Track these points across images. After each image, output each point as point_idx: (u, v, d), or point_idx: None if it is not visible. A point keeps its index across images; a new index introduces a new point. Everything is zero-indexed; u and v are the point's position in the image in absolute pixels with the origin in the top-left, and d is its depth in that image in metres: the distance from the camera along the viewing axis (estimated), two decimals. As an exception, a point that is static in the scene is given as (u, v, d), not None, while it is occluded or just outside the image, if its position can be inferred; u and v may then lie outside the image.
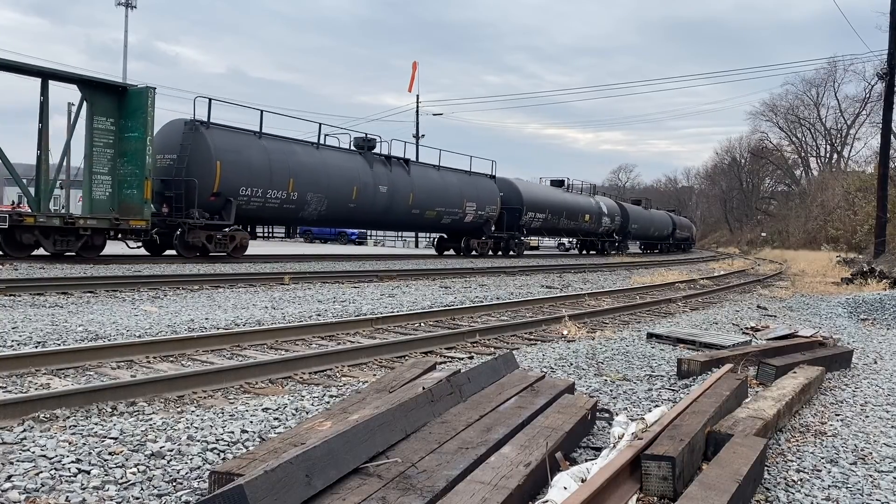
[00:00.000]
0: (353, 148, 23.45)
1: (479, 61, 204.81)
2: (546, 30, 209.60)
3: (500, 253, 31.06)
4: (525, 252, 34.02)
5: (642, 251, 53.84)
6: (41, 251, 15.15)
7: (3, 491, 2.70)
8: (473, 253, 28.51)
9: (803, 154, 78.94)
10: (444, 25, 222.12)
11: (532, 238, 49.81)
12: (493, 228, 29.24)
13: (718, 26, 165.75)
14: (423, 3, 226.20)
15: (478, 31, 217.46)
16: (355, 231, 46.61)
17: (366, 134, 23.87)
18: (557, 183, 36.94)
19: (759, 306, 12.70)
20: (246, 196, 18.50)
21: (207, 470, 3.05)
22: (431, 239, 51.42)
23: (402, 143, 34.39)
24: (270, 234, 25.36)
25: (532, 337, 8.23)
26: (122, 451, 3.18)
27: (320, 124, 21.78)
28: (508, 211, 30.30)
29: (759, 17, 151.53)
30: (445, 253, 30.01)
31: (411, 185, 24.43)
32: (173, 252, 18.28)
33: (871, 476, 3.50)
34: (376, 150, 24.01)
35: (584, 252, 42.28)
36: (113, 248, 18.65)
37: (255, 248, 30.17)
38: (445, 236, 29.79)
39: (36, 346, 6.00)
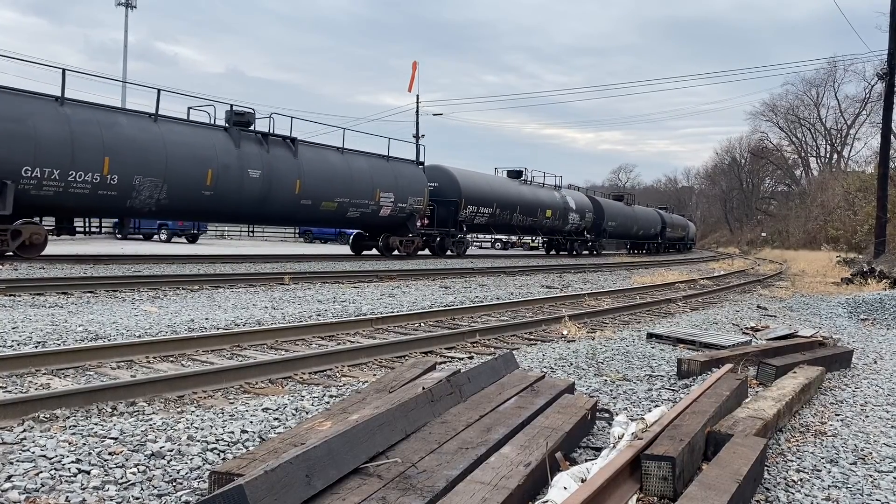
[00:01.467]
0: (216, 124, 18.69)
1: (477, 61, 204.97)
2: (545, 29, 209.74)
3: (434, 253, 26.77)
4: (471, 252, 31.49)
5: (629, 251, 50.14)
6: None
7: (3, 491, 2.70)
8: (396, 253, 24.11)
9: (803, 154, 79.04)
10: (443, 25, 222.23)
11: (486, 236, 46.03)
12: (419, 224, 24.89)
13: (717, 26, 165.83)
14: (422, 2, 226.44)
15: (476, 31, 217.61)
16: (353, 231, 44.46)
17: (231, 105, 19.10)
18: (514, 174, 32.97)
19: (759, 306, 12.70)
20: (34, 179, 14.28)
21: (207, 470, 3.05)
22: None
23: (305, 124, 30.24)
24: (88, 230, 18.48)
25: (532, 337, 8.23)
26: (122, 451, 3.18)
27: (158, 90, 17.16)
28: (442, 204, 26.18)
29: (759, 17, 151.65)
30: (365, 253, 25.00)
31: (298, 170, 19.93)
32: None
33: (871, 476, 3.50)
34: (275, 132, 19.80)
35: (553, 253, 38.18)
36: (112, 247, 18.65)
37: (257, 248, 30.21)
38: (366, 234, 24.99)
39: (36, 346, 6.00)
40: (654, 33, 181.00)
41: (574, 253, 37.01)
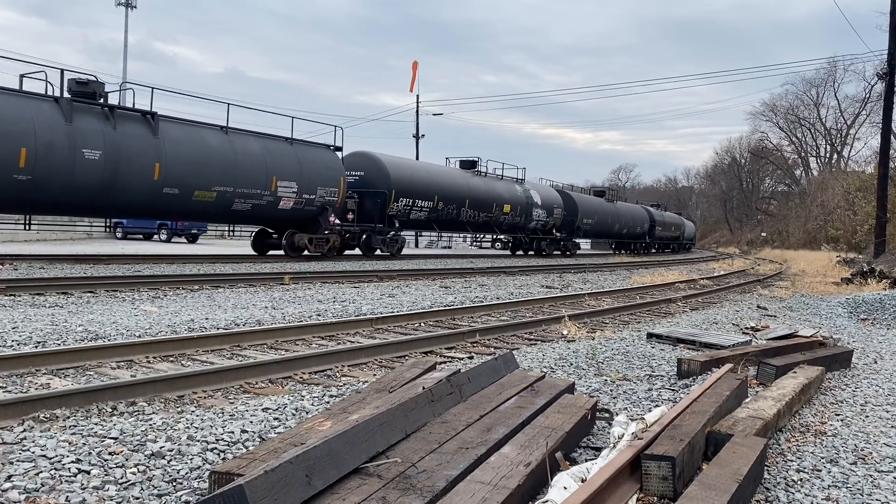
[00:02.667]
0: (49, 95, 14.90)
1: (476, 61, 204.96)
2: (543, 29, 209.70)
3: (362, 252, 23.42)
4: (422, 252, 28.71)
5: (614, 251, 46.67)
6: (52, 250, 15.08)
7: (3, 491, 2.70)
8: (306, 254, 20.13)
9: (803, 154, 79.03)
10: (442, 25, 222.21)
11: (462, 235, 39.45)
12: (334, 219, 21.11)
13: (716, 25, 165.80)
14: (421, 2, 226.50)
15: (475, 31, 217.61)
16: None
17: (62, 70, 15.47)
18: (467, 164, 29.25)
19: (759, 306, 12.70)
20: None
21: (207, 470, 3.05)
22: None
23: (172, 98, 24.61)
24: None
25: (532, 337, 8.23)
26: (122, 451, 3.18)
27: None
28: (368, 196, 22.75)
29: (757, 17, 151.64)
30: (273, 254, 20.91)
31: (158, 151, 16.25)
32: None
33: (871, 476, 3.50)
34: (134, 107, 16.34)
35: (520, 253, 34.13)
36: (112, 247, 18.66)
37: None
38: (271, 230, 21.29)
39: (36, 346, 6.00)
40: (652, 33, 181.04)
41: (543, 253, 33.32)
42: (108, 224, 28.75)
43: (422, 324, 8.71)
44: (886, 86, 25.32)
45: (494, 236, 34.73)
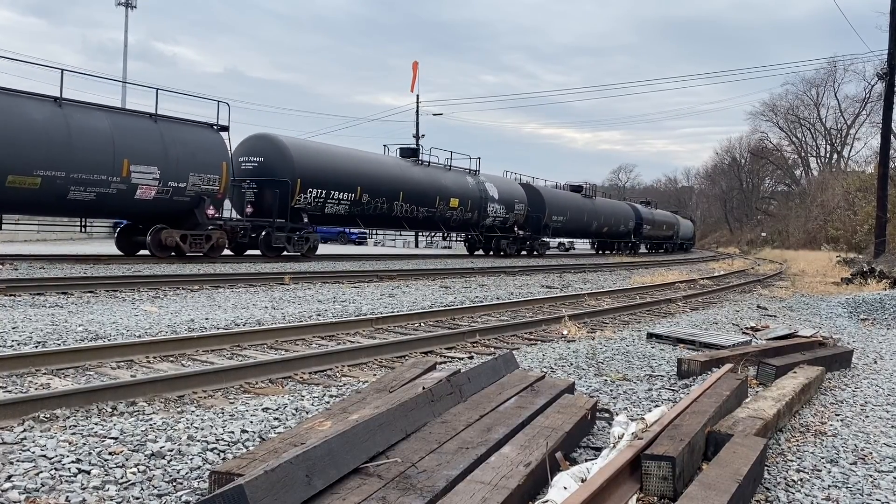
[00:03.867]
0: None
1: (476, 61, 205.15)
2: (542, 29, 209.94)
3: (262, 253, 19.69)
4: (336, 254, 24.46)
5: (596, 252, 44.17)
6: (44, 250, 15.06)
7: (3, 491, 2.70)
8: (173, 254, 16.80)
9: (803, 154, 79.02)
10: (441, 25, 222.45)
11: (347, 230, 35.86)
12: (213, 212, 17.65)
13: (715, 25, 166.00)
14: (420, 2, 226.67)
15: (474, 31, 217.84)
16: (355, 231, 38.62)
17: None
18: (408, 152, 25.96)
19: (759, 306, 12.70)
20: None
21: (207, 470, 3.05)
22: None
23: None
24: None
25: (532, 337, 8.23)
26: (122, 451, 3.18)
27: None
28: (267, 186, 19.41)
29: (756, 16, 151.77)
30: (142, 254, 17.57)
31: None
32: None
33: (871, 476, 3.50)
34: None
35: (480, 253, 30.92)
36: (112, 247, 18.64)
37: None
38: (140, 225, 17.52)
39: (36, 346, 6.00)
40: (651, 33, 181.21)
41: (503, 253, 29.90)
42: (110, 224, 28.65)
43: (422, 324, 8.71)
44: (886, 86, 25.33)
45: (445, 234, 30.17)
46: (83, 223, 17.73)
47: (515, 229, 30.72)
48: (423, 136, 48.61)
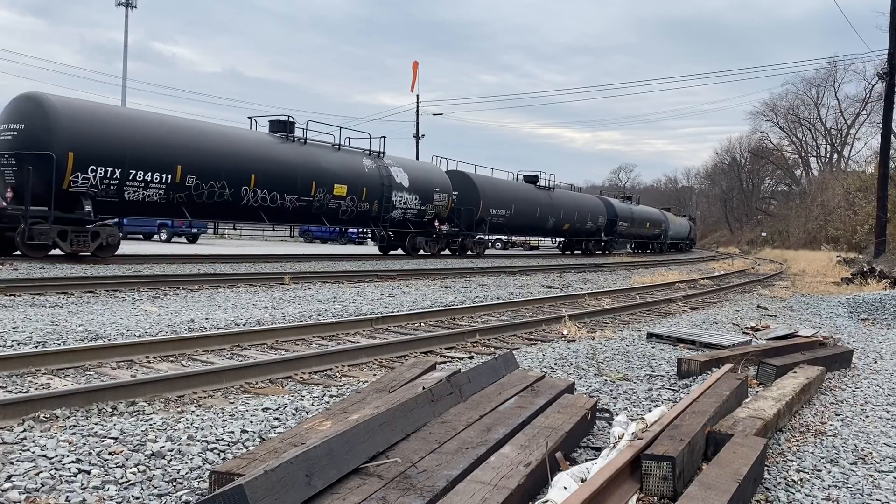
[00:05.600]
0: None
1: (474, 60, 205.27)
2: (541, 29, 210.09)
3: (38, 251, 14.71)
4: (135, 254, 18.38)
5: (561, 251, 39.46)
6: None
7: (3, 491, 2.70)
8: None
9: (803, 154, 79.01)
10: (439, 24, 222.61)
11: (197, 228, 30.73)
12: None
13: (714, 25, 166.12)
14: (418, 2, 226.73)
15: (473, 31, 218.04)
16: (355, 231, 34.53)
17: None
18: (277, 126, 20.36)
19: (759, 306, 12.70)
20: None
21: (207, 470, 3.05)
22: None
23: None
24: None
25: (532, 337, 8.23)
26: (122, 451, 3.18)
27: None
28: (24, 161, 14.47)
29: (755, 16, 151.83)
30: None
31: None
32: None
33: (871, 476, 3.50)
34: None
35: (401, 253, 25.31)
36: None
37: (257, 248, 30.22)
38: None
39: (36, 346, 6.00)
40: (650, 32, 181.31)
41: (421, 252, 25.12)
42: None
43: (422, 324, 8.71)
44: (887, 86, 25.33)
45: (341, 229, 25.76)
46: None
47: (436, 224, 25.47)
48: (423, 136, 48.63)
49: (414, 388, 3.61)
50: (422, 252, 25.20)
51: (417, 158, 33.98)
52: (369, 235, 25.43)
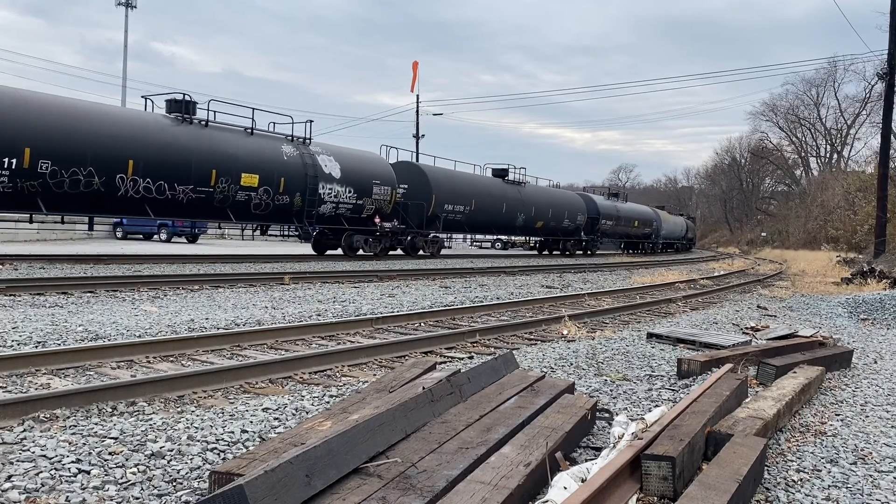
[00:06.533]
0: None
1: (473, 60, 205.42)
2: (540, 29, 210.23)
3: None
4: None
5: (537, 250, 36.09)
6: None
7: (3, 491, 2.70)
8: None
9: (803, 154, 79.02)
10: (438, 24, 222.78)
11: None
12: None
13: (713, 25, 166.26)
14: (417, 1, 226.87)
15: (472, 30, 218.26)
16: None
17: None
18: (176, 106, 17.29)
19: (759, 306, 12.70)
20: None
21: (207, 470, 3.05)
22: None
23: None
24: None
25: (532, 337, 8.23)
26: (122, 451, 3.18)
27: None
28: None
29: (754, 16, 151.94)
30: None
31: None
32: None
33: (871, 476, 3.50)
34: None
35: (330, 253, 22.77)
36: (112, 247, 18.63)
37: (257, 248, 30.21)
38: None
39: (36, 346, 5.99)
40: (649, 32, 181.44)
41: (361, 252, 22.22)
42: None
43: (422, 324, 8.71)
44: (886, 86, 25.33)
45: (258, 226, 22.44)
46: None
47: (377, 221, 22.45)
48: (423, 136, 48.62)
49: (414, 389, 3.61)
50: (361, 250, 22.21)
51: (417, 159, 32.97)
52: (297, 234, 22.13)
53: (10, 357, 5.16)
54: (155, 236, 34.20)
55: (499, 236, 37.20)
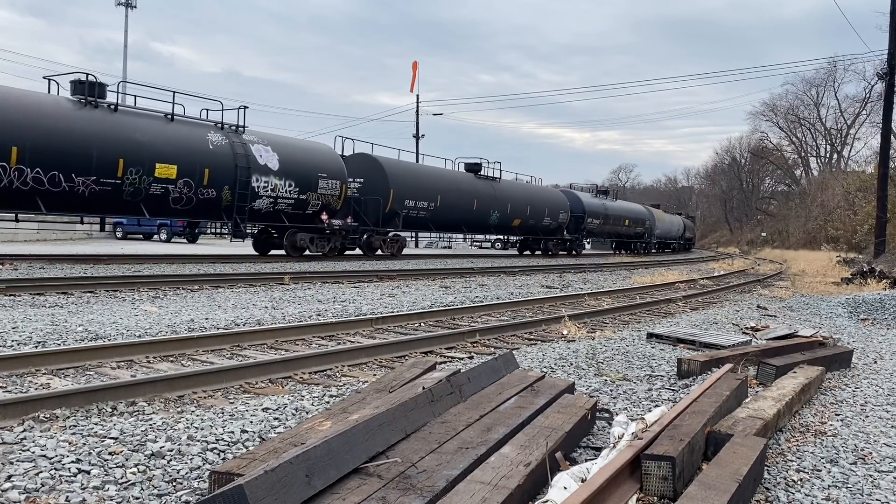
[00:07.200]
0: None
1: (473, 60, 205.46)
2: (539, 28, 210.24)
3: None
4: None
5: (518, 250, 34.69)
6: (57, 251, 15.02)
7: (3, 491, 2.70)
8: None
9: (803, 154, 79.01)
10: (437, 24, 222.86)
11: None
12: None
13: (712, 24, 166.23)
14: (416, 1, 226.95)
15: (471, 30, 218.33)
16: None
17: None
18: (82, 87, 15.56)
19: (759, 306, 12.70)
20: None
21: (207, 470, 3.05)
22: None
23: None
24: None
25: (532, 337, 8.23)
26: (122, 451, 3.18)
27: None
28: None
29: (753, 16, 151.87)
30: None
31: None
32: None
33: (871, 476, 3.50)
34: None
35: (273, 253, 20.92)
36: (112, 247, 18.63)
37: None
38: None
39: (36, 346, 6.00)
40: (649, 32, 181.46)
41: (307, 252, 20.36)
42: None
43: (422, 324, 8.71)
44: (886, 86, 25.33)
45: (172, 222, 19.63)
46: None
47: (325, 218, 20.50)
48: (423, 136, 48.61)
49: (414, 388, 3.61)
50: (307, 250, 20.26)
51: (417, 160, 32.64)
52: (228, 231, 19.02)
53: (10, 357, 5.16)
54: (155, 236, 34.22)
55: (470, 235, 34.59)
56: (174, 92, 16.95)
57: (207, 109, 18.22)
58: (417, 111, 48.98)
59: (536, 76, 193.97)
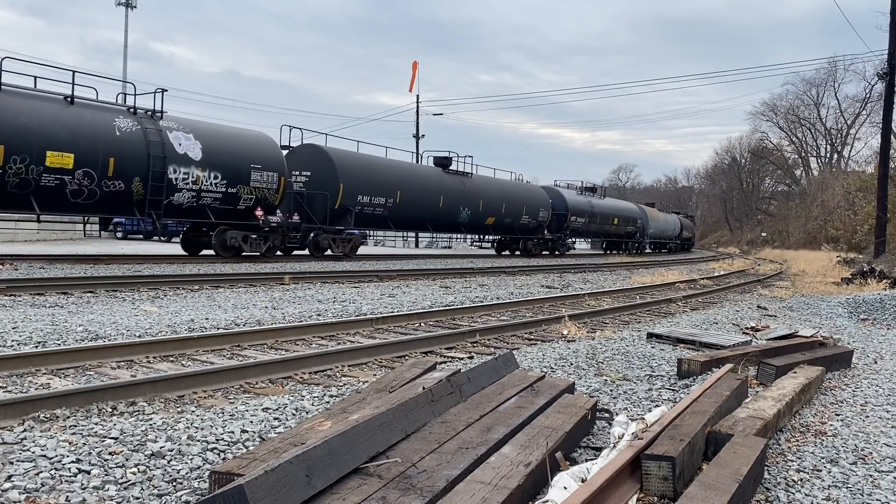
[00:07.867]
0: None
1: (472, 60, 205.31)
2: (539, 28, 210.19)
3: None
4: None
5: (497, 250, 32.43)
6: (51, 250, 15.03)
7: (3, 491, 2.70)
8: None
9: (803, 154, 79.01)
10: (437, 24, 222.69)
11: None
12: None
13: (712, 24, 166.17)
14: (416, 1, 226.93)
15: (471, 30, 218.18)
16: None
17: None
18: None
19: (759, 306, 12.69)
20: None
21: (207, 470, 3.05)
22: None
23: None
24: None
25: (532, 337, 8.23)
26: (122, 451, 3.18)
27: None
28: None
29: (752, 15, 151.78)
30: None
31: None
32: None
33: (871, 476, 3.50)
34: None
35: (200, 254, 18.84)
36: (112, 247, 18.62)
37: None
38: None
39: (36, 346, 6.00)
40: (648, 32, 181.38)
41: (238, 251, 18.13)
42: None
43: (422, 324, 8.71)
44: (886, 86, 25.33)
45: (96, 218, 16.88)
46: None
47: (259, 214, 18.45)
48: (423, 136, 48.61)
49: (414, 389, 3.61)
50: (238, 248, 18.14)
51: (418, 161, 32.00)
52: (139, 229, 16.71)
53: (11, 357, 5.16)
54: (155, 236, 34.22)
55: (437, 234, 32.64)
56: (74, 71, 14.88)
57: (125, 94, 16.69)
58: (417, 111, 49.01)
59: (536, 76, 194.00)
